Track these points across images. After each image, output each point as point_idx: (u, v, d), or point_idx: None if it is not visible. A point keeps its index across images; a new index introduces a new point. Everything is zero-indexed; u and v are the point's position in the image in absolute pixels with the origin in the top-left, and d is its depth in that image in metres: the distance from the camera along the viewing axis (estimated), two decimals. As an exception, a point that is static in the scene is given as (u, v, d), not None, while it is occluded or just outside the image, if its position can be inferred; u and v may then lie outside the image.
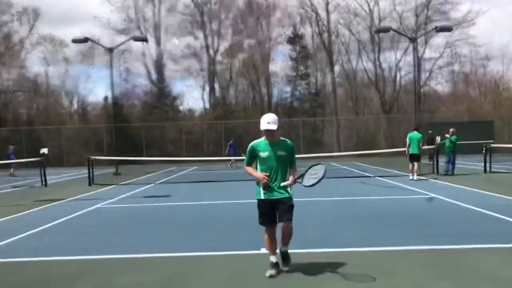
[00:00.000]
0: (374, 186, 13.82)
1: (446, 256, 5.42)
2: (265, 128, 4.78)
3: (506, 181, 14.20)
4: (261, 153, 4.84)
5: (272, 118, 4.80)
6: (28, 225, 8.25)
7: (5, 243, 6.94)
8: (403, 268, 5.01)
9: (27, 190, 16.14)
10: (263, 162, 4.86)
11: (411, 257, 5.44)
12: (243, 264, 5.37)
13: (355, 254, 5.64)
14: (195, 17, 42.15)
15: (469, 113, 38.61)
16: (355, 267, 5.01)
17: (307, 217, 8.32)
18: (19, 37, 41.62)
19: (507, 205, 9.21)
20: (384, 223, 7.71)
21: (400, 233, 6.87)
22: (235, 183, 15.73)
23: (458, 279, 4.60)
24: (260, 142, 4.92)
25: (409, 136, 15.15)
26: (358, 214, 8.73)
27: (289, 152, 4.88)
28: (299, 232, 6.88)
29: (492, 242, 6.03)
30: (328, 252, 5.77)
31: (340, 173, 18.83)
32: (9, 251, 6.46)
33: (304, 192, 12.33)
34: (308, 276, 4.81)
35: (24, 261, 5.85)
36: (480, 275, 4.70)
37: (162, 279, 4.88)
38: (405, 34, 30.20)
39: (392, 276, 4.72)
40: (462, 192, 11.43)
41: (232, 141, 27.59)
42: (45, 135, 36.77)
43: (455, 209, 8.96)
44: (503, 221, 7.55)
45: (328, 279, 4.70)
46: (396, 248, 5.87)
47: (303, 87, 43.10)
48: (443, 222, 7.72)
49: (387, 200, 10.73)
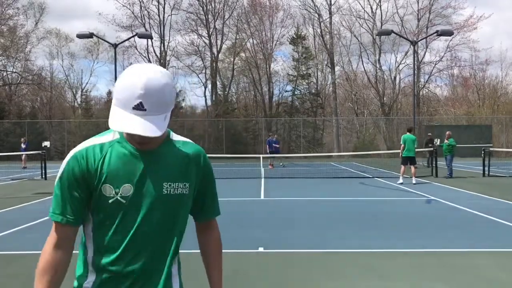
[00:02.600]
0: (373, 187, 13.74)
1: (442, 258, 5.40)
2: (132, 105, 1.40)
3: (504, 184, 14.16)
4: (107, 189, 1.50)
5: (153, 81, 1.40)
6: (26, 218, 8.16)
7: (3, 234, 6.92)
8: (399, 269, 5.00)
9: (26, 182, 16.00)
10: (108, 221, 1.52)
11: (407, 259, 5.42)
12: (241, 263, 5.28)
13: (353, 255, 5.60)
14: (199, 15, 42.54)
15: (467, 116, 38.96)
16: (352, 268, 4.99)
17: (305, 217, 8.24)
18: (24, 31, 42.07)
19: (504, 208, 9.19)
20: (382, 224, 7.65)
21: (397, 234, 6.84)
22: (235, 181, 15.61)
23: (454, 281, 4.61)
24: (101, 150, 1.52)
25: (404, 138, 14.78)
26: (356, 215, 8.64)
27: (200, 179, 1.64)
28: (298, 232, 6.97)
29: (489, 246, 6.03)
30: (325, 252, 5.72)
31: (339, 173, 18.73)
32: (7, 243, 6.41)
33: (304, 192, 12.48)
34: (305, 275, 4.77)
35: (23, 254, 5.78)
36: (476, 278, 4.70)
37: None
38: (406, 38, 30.55)
39: (389, 277, 4.71)
40: (460, 195, 11.37)
41: (270, 137, 24.72)
42: (48, 128, 37.09)
43: (453, 212, 8.92)
44: (501, 224, 7.54)
45: (325, 279, 4.66)
46: (393, 249, 5.84)
47: (304, 86, 43.51)
48: (440, 224, 7.69)
49: (385, 201, 10.64)
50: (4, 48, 40.14)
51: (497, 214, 8.33)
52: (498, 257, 5.53)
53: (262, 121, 38.76)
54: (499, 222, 7.70)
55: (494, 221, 7.84)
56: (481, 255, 5.58)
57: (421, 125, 33.46)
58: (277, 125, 39.96)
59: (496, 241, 6.34)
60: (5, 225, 7.57)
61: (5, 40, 40.36)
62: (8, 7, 40.23)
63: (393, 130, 36.91)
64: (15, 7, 40.47)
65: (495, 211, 8.64)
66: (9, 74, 41.99)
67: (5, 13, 40.17)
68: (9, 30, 40.64)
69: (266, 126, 37.84)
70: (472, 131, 32.07)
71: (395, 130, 36.60)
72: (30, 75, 42.24)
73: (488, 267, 5.07)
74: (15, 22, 40.91)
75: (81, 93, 47.08)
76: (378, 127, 39.40)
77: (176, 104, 1.56)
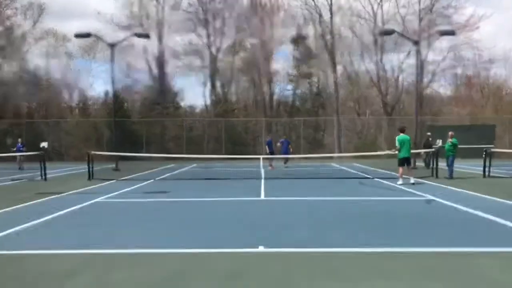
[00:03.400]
0: (374, 188, 13.86)
1: (443, 259, 5.43)
2: None
3: (505, 185, 14.23)
4: None
5: None
6: (26, 218, 8.25)
7: (3, 235, 6.94)
8: (400, 269, 5.02)
9: (26, 183, 16.17)
10: None
11: (408, 259, 5.45)
12: (241, 263, 5.36)
13: (353, 255, 5.64)
14: (199, 15, 42.16)
15: (471, 116, 38.60)
16: (353, 268, 5.00)
17: (306, 217, 8.32)
18: (22, 30, 41.67)
19: (505, 209, 9.26)
20: (382, 224, 7.72)
21: (398, 234, 6.90)
22: (235, 181, 15.76)
23: (454, 281, 4.62)
24: None
25: (399, 138, 14.61)
26: (356, 215, 8.73)
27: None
28: (299, 232, 7.04)
29: (489, 246, 6.05)
30: (326, 252, 5.78)
31: (340, 174, 18.87)
32: (7, 244, 6.45)
33: (303, 192, 12.60)
34: (306, 275, 4.80)
35: (22, 254, 5.84)
36: (477, 279, 4.71)
37: (160, 276, 4.84)
38: (409, 37, 30.14)
39: (390, 278, 4.73)
40: (460, 195, 11.46)
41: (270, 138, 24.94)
42: (45, 128, 36.82)
43: (453, 212, 8.99)
44: (501, 225, 7.57)
45: (325, 280, 4.68)
46: (393, 249, 5.88)
47: (305, 86, 43.15)
48: (441, 224, 7.75)
49: (386, 201, 10.77)
50: (0, 48, 39.77)
51: (497, 214, 8.36)
52: (498, 258, 5.54)
53: (262, 121, 38.39)
54: (499, 223, 7.71)
55: (494, 221, 7.86)
56: (482, 256, 5.59)
57: (425, 124, 33.07)
58: (277, 125, 39.61)
59: (496, 242, 6.35)
60: (5, 225, 7.59)
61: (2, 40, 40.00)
62: (6, 7, 39.90)
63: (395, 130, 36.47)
64: (13, 7, 40.18)
65: (495, 212, 8.66)
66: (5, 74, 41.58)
67: (3, 13, 39.83)
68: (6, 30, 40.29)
69: (266, 126, 37.50)
70: (475, 131, 31.82)
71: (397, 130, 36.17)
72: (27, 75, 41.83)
73: (489, 267, 5.08)
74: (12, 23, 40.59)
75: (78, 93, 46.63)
76: (380, 127, 39.02)
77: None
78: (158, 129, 38.58)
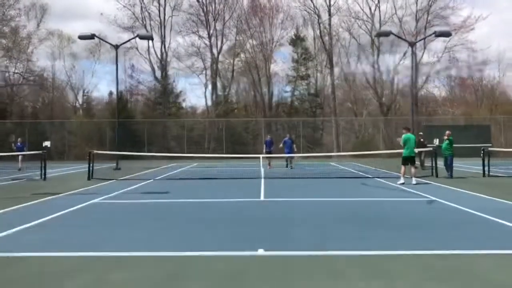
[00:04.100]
0: (373, 188, 13.70)
1: (443, 259, 5.41)
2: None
3: (504, 185, 14.09)
4: None
5: None
6: (23, 219, 8.07)
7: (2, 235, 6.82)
8: (400, 270, 5.03)
9: (25, 183, 15.88)
10: None
11: (408, 259, 5.45)
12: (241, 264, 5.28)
13: (353, 255, 5.62)
14: (200, 16, 42.88)
15: (465, 117, 39.20)
16: (352, 269, 5.03)
17: (305, 218, 8.28)
18: (26, 31, 42.34)
19: (505, 209, 9.15)
20: (382, 225, 7.63)
21: (397, 235, 6.86)
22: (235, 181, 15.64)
23: (454, 282, 4.64)
24: None
25: (405, 137, 14.44)
26: (356, 215, 8.62)
27: None
28: (298, 233, 6.97)
29: (490, 247, 5.99)
30: (325, 253, 5.74)
31: (339, 174, 18.72)
32: (3, 245, 6.28)
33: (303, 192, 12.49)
34: (306, 277, 4.79)
35: (19, 256, 5.69)
36: (477, 280, 4.72)
37: (158, 277, 4.78)
38: (405, 39, 30.81)
39: (389, 279, 4.73)
40: (460, 196, 11.34)
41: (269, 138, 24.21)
42: (49, 128, 37.19)
43: (454, 212, 8.89)
44: (502, 225, 7.51)
45: (325, 281, 4.69)
46: (393, 250, 5.87)
47: (303, 87, 43.83)
48: (441, 225, 7.66)
49: (385, 202, 10.61)
50: (6, 49, 40.42)
51: (497, 214, 8.28)
52: (498, 258, 5.52)
53: (261, 122, 39.05)
54: (499, 223, 7.67)
55: (494, 221, 7.82)
56: (482, 256, 5.58)
57: (420, 125, 33.69)
58: (276, 125, 40.27)
59: (497, 242, 6.36)
60: (4, 225, 7.48)
61: (7, 41, 40.63)
62: (10, 8, 40.52)
63: (392, 130, 37.19)
64: (16, 8, 40.80)
65: (495, 212, 8.58)
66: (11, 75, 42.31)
67: (6, 14, 40.45)
68: (11, 31, 40.90)
69: (266, 126, 38.11)
70: (470, 131, 32.27)
71: (394, 130, 36.88)
72: (32, 76, 42.56)
73: (489, 268, 5.09)
74: (17, 23, 41.23)
75: (82, 93, 47.40)
76: (377, 127, 39.66)
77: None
78: (160, 129, 39.19)
